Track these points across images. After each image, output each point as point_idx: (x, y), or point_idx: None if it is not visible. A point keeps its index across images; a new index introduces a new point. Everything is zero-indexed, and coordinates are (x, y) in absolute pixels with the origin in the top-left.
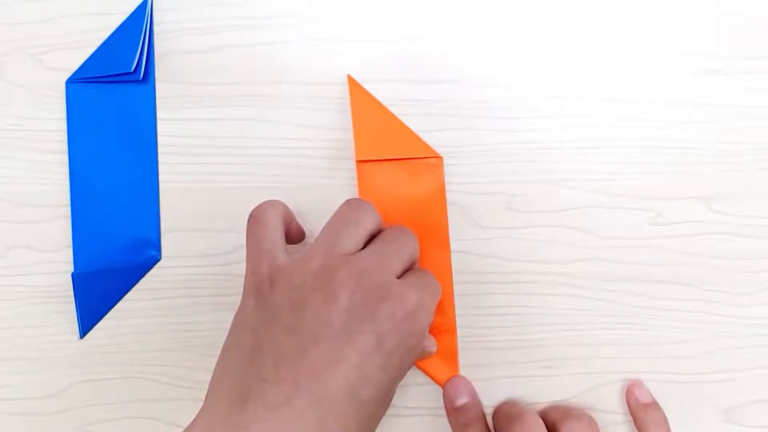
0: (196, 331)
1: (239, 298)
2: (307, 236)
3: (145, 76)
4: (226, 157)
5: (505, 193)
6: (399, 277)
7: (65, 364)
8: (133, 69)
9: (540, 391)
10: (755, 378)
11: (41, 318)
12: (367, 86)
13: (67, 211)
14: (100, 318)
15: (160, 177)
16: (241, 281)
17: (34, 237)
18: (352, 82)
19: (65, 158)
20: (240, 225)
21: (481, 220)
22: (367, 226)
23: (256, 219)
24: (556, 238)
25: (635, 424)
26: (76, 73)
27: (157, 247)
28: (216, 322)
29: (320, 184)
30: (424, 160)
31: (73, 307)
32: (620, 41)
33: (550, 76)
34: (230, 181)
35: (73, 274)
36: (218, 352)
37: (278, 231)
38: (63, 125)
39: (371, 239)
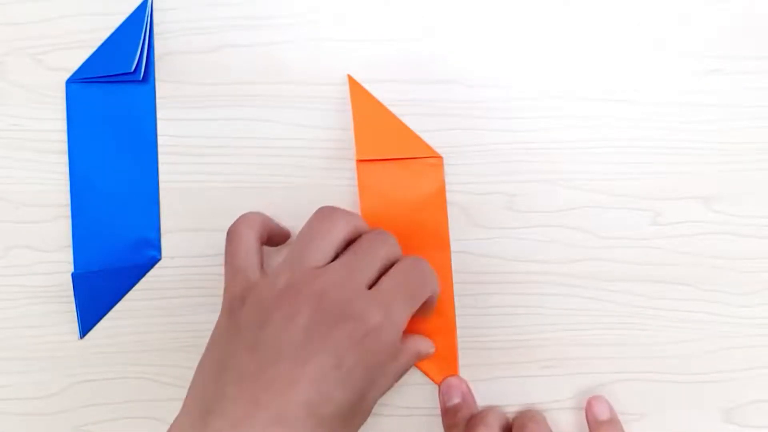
0: (196, 331)
1: None
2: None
3: (145, 76)
4: (226, 157)
5: (505, 193)
6: (375, 282)
7: (65, 364)
8: (133, 69)
9: (540, 391)
10: (755, 378)
11: (41, 318)
12: (367, 86)
13: (67, 211)
14: (100, 318)
15: (160, 177)
16: None
17: (34, 237)
18: (353, 82)
19: (65, 158)
20: None
21: (481, 220)
22: (339, 235)
23: (230, 236)
24: (556, 238)
25: None
26: (76, 73)
27: (157, 247)
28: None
29: (320, 184)
30: (425, 160)
31: (73, 307)
32: (620, 41)
33: (550, 76)
34: (230, 181)
35: (73, 274)
36: None
37: (252, 247)
38: (63, 125)
39: (350, 243)
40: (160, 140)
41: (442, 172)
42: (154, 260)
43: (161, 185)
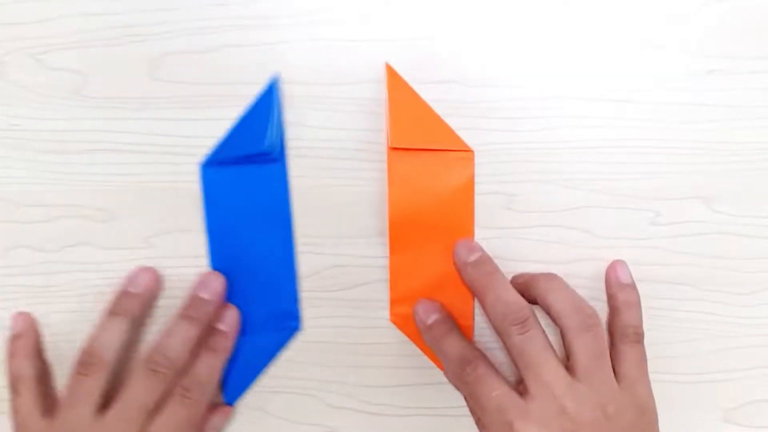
0: None
1: None
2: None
3: (278, 155)
4: None
5: (505, 193)
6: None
7: (65, 364)
8: (266, 148)
9: None
10: (755, 378)
11: (41, 318)
12: (366, 86)
13: (67, 211)
14: (246, 388)
15: (160, 177)
16: None
17: (34, 237)
18: (390, 71)
19: (65, 158)
20: None
21: (481, 220)
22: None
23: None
24: (556, 238)
25: (609, 302)
26: (211, 155)
27: (297, 317)
28: None
29: (320, 184)
30: (456, 153)
31: (73, 306)
32: (620, 41)
33: (551, 76)
34: None
35: None
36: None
37: (31, 394)
38: (63, 125)
39: None
40: (160, 140)
41: (473, 166)
42: (294, 330)
43: (161, 185)
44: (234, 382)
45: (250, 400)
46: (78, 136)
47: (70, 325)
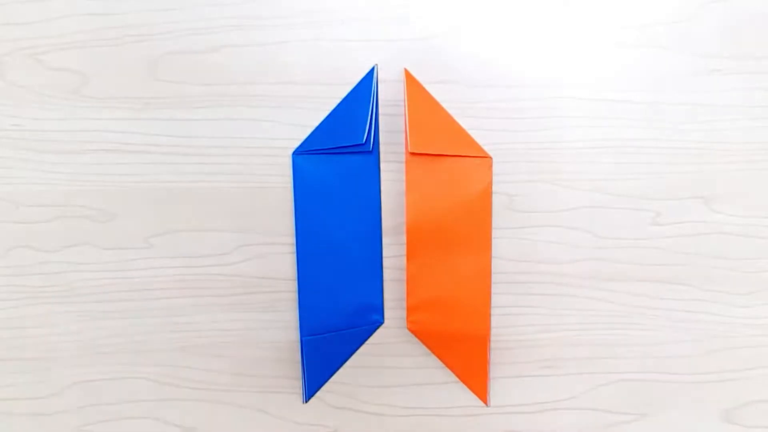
0: (196, 331)
1: (238, 298)
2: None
3: (372, 146)
4: (226, 157)
5: (505, 193)
6: None
7: (65, 364)
8: (364, 140)
9: (540, 391)
10: (755, 378)
11: (41, 318)
12: None
13: (66, 211)
14: (325, 381)
15: (160, 176)
16: (240, 281)
17: (34, 237)
18: (409, 77)
19: (65, 158)
20: (240, 225)
21: None
22: None
23: None
24: (556, 238)
25: None
26: (303, 144)
27: (380, 311)
28: (215, 322)
29: None
30: (474, 159)
31: (73, 307)
32: (620, 41)
33: (551, 77)
34: (230, 181)
35: (303, 339)
36: (218, 351)
37: None
38: (63, 125)
39: None
40: (161, 140)
41: (491, 172)
42: (377, 324)
43: (161, 185)
44: (314, 376)
45: (251, 400)
46: (78, 136)
47: (71, 324)
